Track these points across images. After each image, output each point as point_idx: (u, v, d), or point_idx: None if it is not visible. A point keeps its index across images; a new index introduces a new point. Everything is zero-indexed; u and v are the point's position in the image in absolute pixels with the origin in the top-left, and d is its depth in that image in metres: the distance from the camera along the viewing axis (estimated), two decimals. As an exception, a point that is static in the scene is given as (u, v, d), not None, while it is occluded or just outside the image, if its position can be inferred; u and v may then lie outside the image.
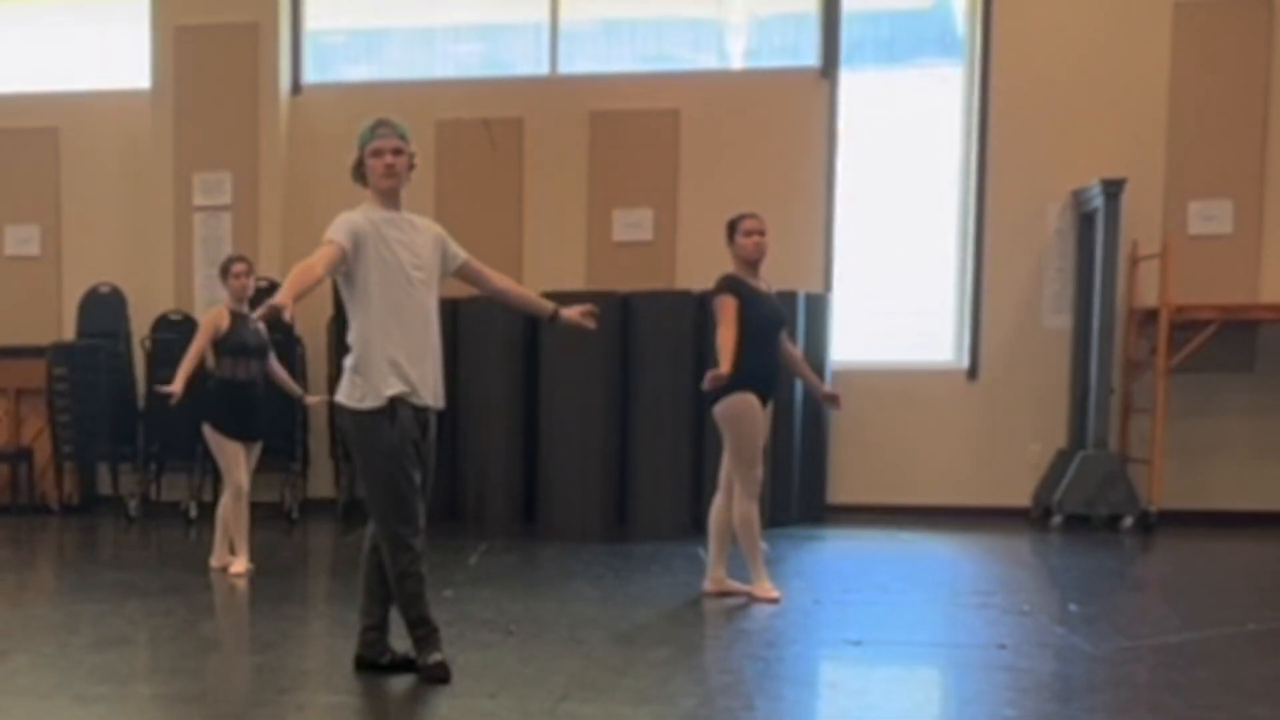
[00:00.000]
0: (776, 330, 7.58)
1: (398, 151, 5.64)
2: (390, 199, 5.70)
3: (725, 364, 7.21)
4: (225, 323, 8.43)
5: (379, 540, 5.78)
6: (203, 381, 8.45)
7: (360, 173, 5.73)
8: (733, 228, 7.55)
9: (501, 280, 6.12)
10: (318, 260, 5.45)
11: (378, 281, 5.58)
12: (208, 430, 8.53)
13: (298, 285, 5.31)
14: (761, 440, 7.56)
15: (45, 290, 12.17)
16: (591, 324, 6.13)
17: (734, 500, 7.52)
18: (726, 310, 7.38)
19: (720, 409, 7.48)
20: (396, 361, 5.60)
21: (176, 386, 8.21)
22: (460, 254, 5.93)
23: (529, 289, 6.21)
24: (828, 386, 7.77)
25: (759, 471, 7.52)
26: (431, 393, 5.74)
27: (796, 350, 7.92)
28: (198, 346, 8.39)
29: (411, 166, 5.74)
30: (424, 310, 5.71)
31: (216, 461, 8.74)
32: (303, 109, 11.78)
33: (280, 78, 11.59)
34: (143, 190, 11.77)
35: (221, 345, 8.41)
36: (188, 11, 11.52)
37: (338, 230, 5.56)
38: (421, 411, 5.71)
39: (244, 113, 11.53)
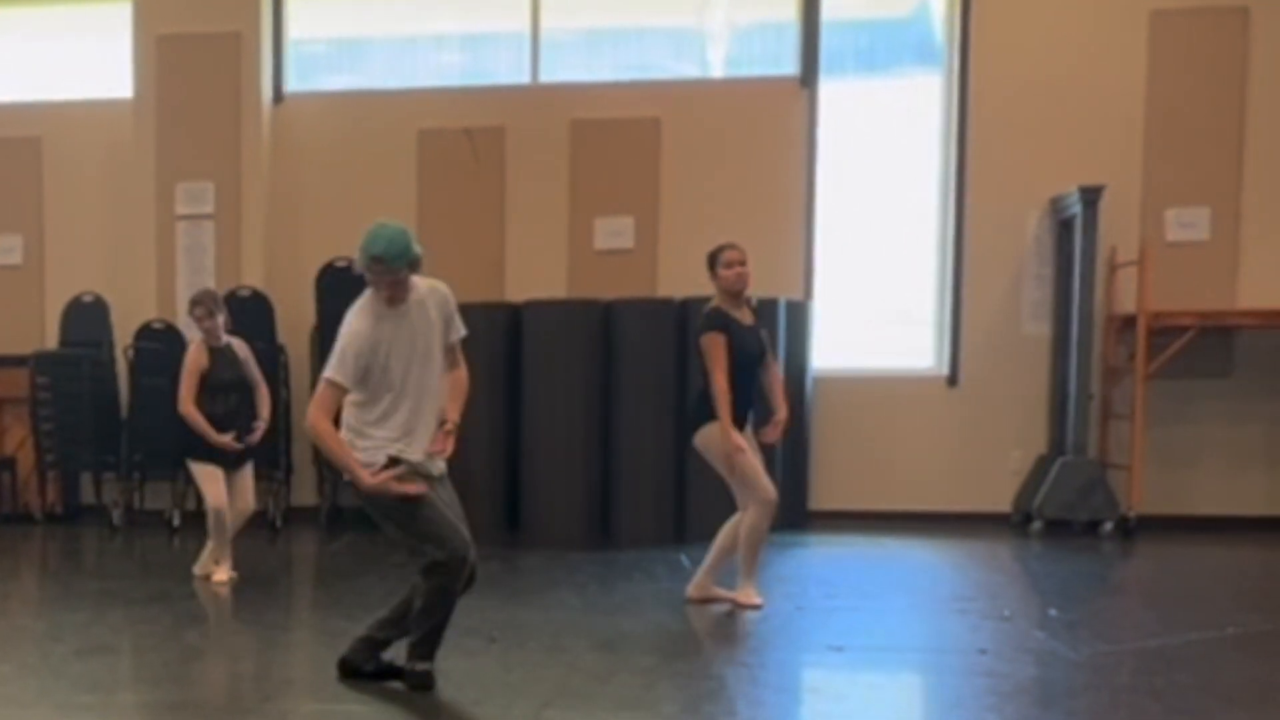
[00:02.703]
0: (758, 364, 7.53)
1: (397, 283, 5.48)
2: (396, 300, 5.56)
3: (724, 413, 7.22)
4: (205, 360, 8.43)
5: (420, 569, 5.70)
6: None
7: None
8: (713, 260, 7.44)
9: (456, 382, 5.89)
10: (324, 415, 5.49)
11: (382, 384, 5.53)
12: (191, 465, 8.55)
13: (344, 454, 5.49)
14: (757, 459, 7.53)
15: (28, 299, 12.12)
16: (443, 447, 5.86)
17: (747, 512, 7.50)
18: (717, 351, 7.30)
19: (699, 439, 7.50)
20: (396, 452, 5.58)
21: (223, 439, 8.36)
22: (460, 331, 5.79)
23: (458, 398, 5.90)
24: (779, 422, 7.65)
25: (767, 488, 7.45)
26: (434, 466, 5.74)
27: (778, 376, 7.80)
28: (189, 390, 8.35)
29: (413, 272, 5.54)
30: (429, 393, 5.65)
31: (199, 488, 8.69)
32: (285, 118, 11.77)
33: (262, 87, 11.57)
34: (125, 199, 11.73)
35: (200, 382, 8.41)
36: (169, 21, 11.47)
37: (343, 366, 5.47)
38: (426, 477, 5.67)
39: (226, 122, 11.50)
